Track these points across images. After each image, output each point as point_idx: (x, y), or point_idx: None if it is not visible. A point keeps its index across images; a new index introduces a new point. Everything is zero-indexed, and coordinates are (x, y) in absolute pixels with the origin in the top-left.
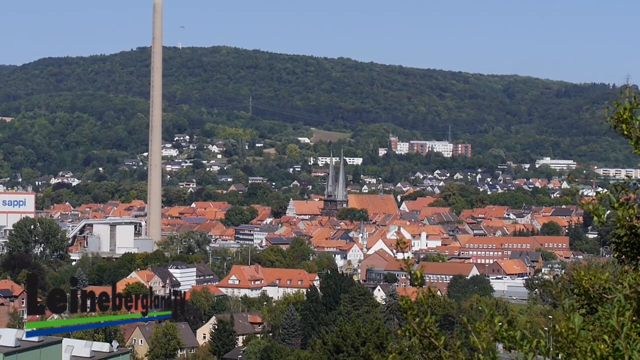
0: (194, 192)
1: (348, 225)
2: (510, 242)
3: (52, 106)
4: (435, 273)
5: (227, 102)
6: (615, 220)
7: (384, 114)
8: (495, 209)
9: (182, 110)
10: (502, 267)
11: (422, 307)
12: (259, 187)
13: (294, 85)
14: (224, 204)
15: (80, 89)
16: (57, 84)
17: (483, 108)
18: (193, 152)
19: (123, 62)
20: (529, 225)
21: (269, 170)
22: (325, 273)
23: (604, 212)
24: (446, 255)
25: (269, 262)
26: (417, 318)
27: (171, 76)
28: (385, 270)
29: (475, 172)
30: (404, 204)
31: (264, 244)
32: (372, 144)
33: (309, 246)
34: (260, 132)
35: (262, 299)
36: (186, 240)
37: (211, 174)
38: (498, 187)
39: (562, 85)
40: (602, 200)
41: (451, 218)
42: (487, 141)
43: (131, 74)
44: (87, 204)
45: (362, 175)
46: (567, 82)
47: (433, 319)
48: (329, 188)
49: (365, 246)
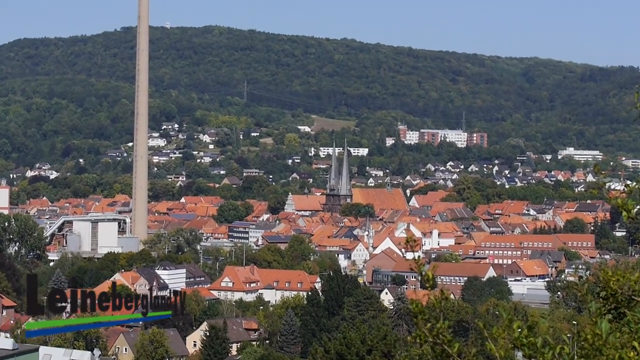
0: (183, 186)
1: (352, 222)
2: (530, 240)
3: (28, 92)
4: (448, 274)
5: (219, 87)
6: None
7: (391, 100)
8: (513, 204)
9: (171, 96)
10: (521, 268)
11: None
12: (255, 181)
13: (293, 69)
14: (216, 198)
15: (58, 73)
16: (34, 68)
17: (500, 94)
18: (182, 142)
19: (106, 44)
20: (550, 222)
21: (266, 162)
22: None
23: (633, 207)
24: (460, 255)
25: (265, 262)
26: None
27: (158, 59)
28: (393, 271)
29: (491, 163)
30: (414, 199)
31: (260, 242)
32: (379, 133)
33: (309, 245)
34: (256, 120)
35: (258, 303)
36: (175, 238)
37: (202, 166)
38: (517, 180)
39: (586, 68)
40: (631, 194)
41: (465, 214)
42: (504, 130)
43: (115, 57)
44: (66, 199)
45: (368, 167)
46: (592, 65)
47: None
48: (331, 181)
49: (371, 245)
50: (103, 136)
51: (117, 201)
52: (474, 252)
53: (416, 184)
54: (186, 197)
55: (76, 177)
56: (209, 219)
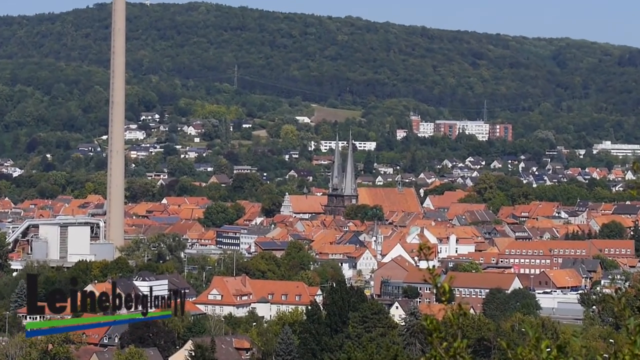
0: (165, 185)
1: (358, 226)
2: (562, 247)
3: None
4: (467, 286)
5: (206, 72)
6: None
7: (402, 87)
8: (542, 205)
9: (151, 83)
10: (550, 278)
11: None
12: (247, 179)
13: (290, 51)
14: (203, 199)
15: (23, 56)
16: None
17: (527, 79)
18: (164, 134)
19: (77, 22)
20: (584, 226)
21: (259, 158)
22: (330, 286)
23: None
24: (481, 264)
25: (259, 272)
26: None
27: (137, 40)
28: (405, 282)
29: (517, 159)
30: (428, 200)
31: (253, 249)
32: (388, 124)
33: (309, 253)
34: (248, 109)
35: (250, 318)
36: (155, 245)
37: (187, 163)
38: (546, 179)
39: (625, 50)
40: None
41: (487, 217)
42: (532, 121)
43: (87, 37)
44: (31, 200)
45: (376, 163)
46: (631, 47)
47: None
48: (334, 180)
49: (380, 252)
50: (73, 128)
51: (90, 202)
52: (497, 260)
53: (431, 182)
54: (168, 197)
55: (43, 174)
56: (194, 222)
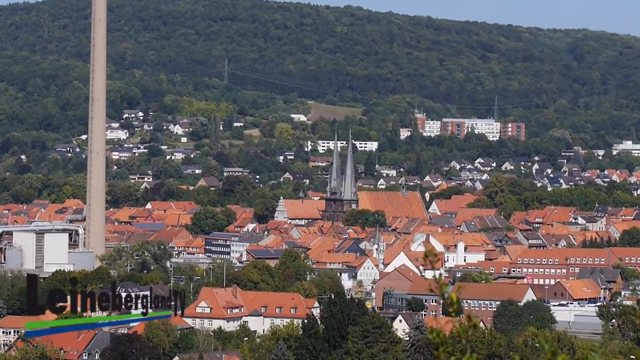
0: (149, 189)
1: (358, 233)
2: (579, 255)
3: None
4: (476, 298)
5: (194, 66)
6: None
7: (406, 83)
8: (558, 210)
9: (134, 78)
10: (567, 289)
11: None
12: (238, 182)
13: (285, 44)
14: (190, 204)
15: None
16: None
17: (541, 74)
18: (149, 134)
19: (54, 13)
20: (603, 232)
21: (252, 159)
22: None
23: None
24: (491, 274)
25: (251, 283)
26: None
27: (119, 31)
28: (409, 294)
29: (530, 160)
30: (435, 204)
31: (245, 258)
32: (391, 122)
33: (305, 262)
34: (239, 106)
35: (242, 333)
36: (139, 253)
37: (173, 164)
38: (562, 182)
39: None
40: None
41: (498, 223)
42: (546, 119)
43: (65, 29)
44: (4, 205)
45: (378, 165)
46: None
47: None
48: (332, 183)
49: (382, 261)
50: (50, 127)
51: (68, 207)
52: (508, 270)
53: (437, 185)
54: (153, 202)
55: (17, 177)
56: (181, 229)
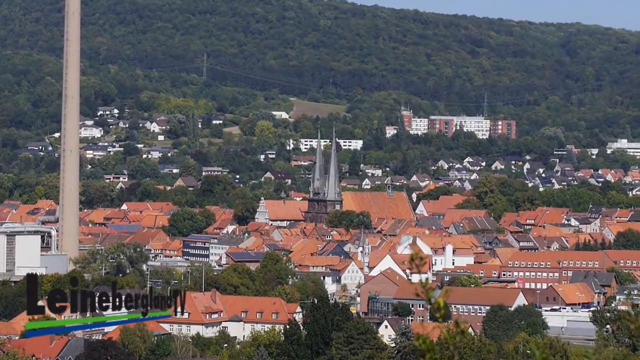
0: (125, 189)
1: (343, 235)
2: (572, 258)
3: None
4: (465, 302)
5: (171, 61)
6: None
7: (392, 79)
8: (550, 212)
9: (109, 73)
10: (559, 294)
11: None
12: (217, 182)
13: (265, 38)
14: (168, 205)
15: None
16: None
17: (533, 70)
18: (124, 132)
19: (25, 5)
20: (597, 234)
21: (231, 158)
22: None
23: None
24: (481, 278)
25: (231, 287)
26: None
27: (93, 25)
28: (395, 298)
29: (521, 160)
30: (422, 205)
31: (224, 261)
32: (377, 120)
33: (287, 265)
34: (218, 103)
35: (221, 339)
36: (114, 256)
37: (149, 163)
38: (554, 182)
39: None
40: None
41: (488, 225)
42: (538, 116)
43: (37, 22)
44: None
45: (363, 164)
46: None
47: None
48: (315, 183)
49: (367, 265)
50: (22, 125)
51: (40, 208)
52: (498, 273)
53: (425, 186)
54: (129, 203)
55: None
56: (157, 231)
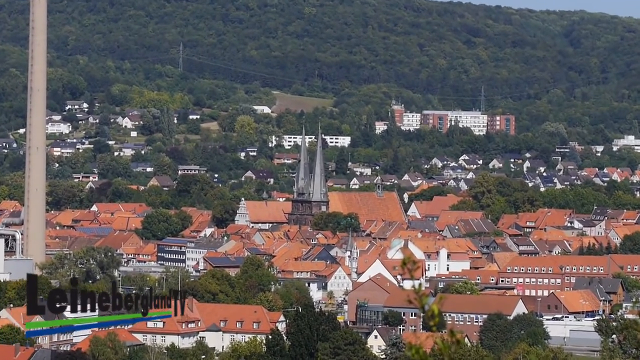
0: (95, 189)
1: (329, 238)
2: (575, 264)
3: None
4: (461, 311)
5: (145, 52)
6: None
7: (383, 70)
8: (551, 213)
9: (78, 65)
10: (562, 301)
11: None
12: (194, 181)
13: (246, 27)
14: (141, 206)
15: None
16: None
17: (533, 61)
18: (94, 127)
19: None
20: (602, 238)
21: (209, 156)
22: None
23: None
24: (478, 284)
25: (209, 294)
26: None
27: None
28: (386, 306)
29: (521, 158)
30: (414, 207)
31: (202, 266)
32: (366, 115)
33: (269, 270)
34: (195, 97)
35: (198, 350)
36: (84, 261)
37: (121, 162)
38: (556, 181)
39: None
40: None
41: (485, 228)
42: (539, 111)
43: (0, 10)
44: None
45: (351, 162)
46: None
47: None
48: (299, 182)
49: (355, 270)
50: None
51: (4, 210)
52: (496, 279)
53: (417, 185)
54: (99, 204)
55: None
56: (130, 234)
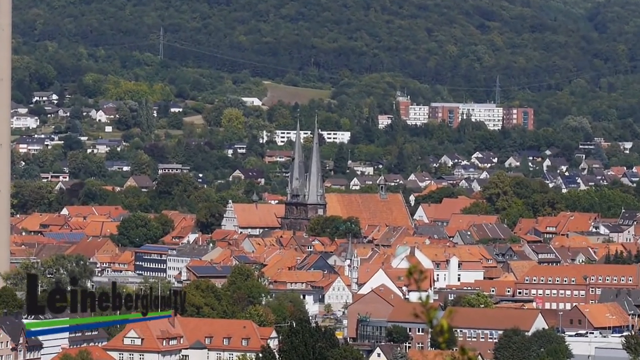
0: (65, 190)
1: (326, 245)
2: (601, 273)
3: None
4: (473, 326)
5: (121, 37)
6: None
7: (386, 58)
8: (574, 217)
9: (47, 52)
10: (586, 315)
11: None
12: (176, 182)
13: (234, 10)
14: (117, 209)
15: None
16: None
17: (554, 48)
18: (65, 121)
19: None
20: (631, 245)
21: (193, 153)
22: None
23: None
24: (492, 297)
25: (192, 307)
26: None
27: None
28: (390, 321)
29: (540, 155)
30: (421, 210)
31: (185, 277)
32: (367, 108)
33: (260, 281)
34: (177, 88)
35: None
36: (53, 271)
37: (95, 160)
38: (579, 181)
39: None
40: None
41: (501, 233)
42: (560, 104)
43: None
44: None
45: (351, 160)
46: None
47: None
48: (294, 183)
49: (356, 281)
50: None
51: None
52: (513, 291)
53: (425, 186)
54: (70, 207)
55: None
56: (105, 240)
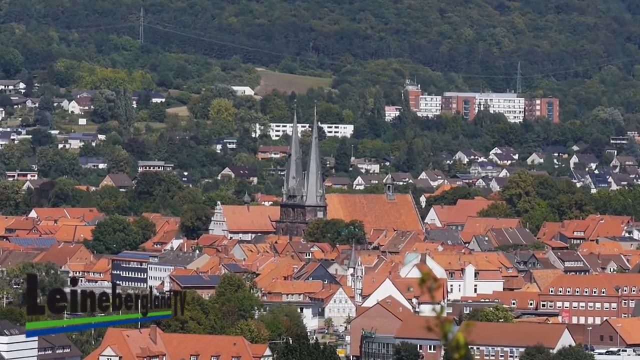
0: (34, 190)
1: (327, 252)
2: (635, 283)
3: None
4: (492, 343)
5: (97, 19)
6: None
7: (394, 42)
8: (605, 221)
9: (13, 35)
10: (617, 331)
11: None
12: (158, 181)
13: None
14: (92, 211)
15: None
16: None
17: (582, 31)
18: (33, 113)
19: None
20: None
21: (177, 149)
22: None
23: None
24: (513, 310)
25: (176, 322)
26: None
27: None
28: (398, 337)
29: (567, 151)
30: (433, 212)
31: (168, 287)
32: (373, 98)
33: (252, 292)
34: (160, 75)
35: None
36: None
37: (67, 156)
38: (610, 180)
39: None
40: None
41: (522, 239)
42: (589, 93)
43: None
44: None
45: (354, 157)
46: None
47: None
48: (290, 182)
49: (360, 292)
50: None
51: None
52: (536, 304)
53: (437, 186)
54: (39, 209)
55: None
56: (78, 246)
